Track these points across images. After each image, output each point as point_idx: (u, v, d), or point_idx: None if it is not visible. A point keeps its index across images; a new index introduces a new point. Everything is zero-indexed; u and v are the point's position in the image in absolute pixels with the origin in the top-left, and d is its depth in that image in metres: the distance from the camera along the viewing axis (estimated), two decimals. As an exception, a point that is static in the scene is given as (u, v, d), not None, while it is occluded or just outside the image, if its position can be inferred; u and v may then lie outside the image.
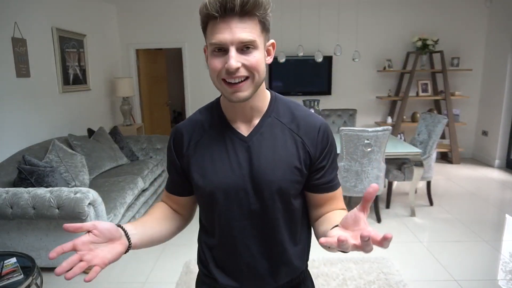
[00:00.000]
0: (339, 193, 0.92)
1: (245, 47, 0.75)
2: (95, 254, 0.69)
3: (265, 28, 0.79)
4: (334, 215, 0.87)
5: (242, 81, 0.77)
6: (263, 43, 0.79)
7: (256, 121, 0.87)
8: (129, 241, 0.78)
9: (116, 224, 0.77)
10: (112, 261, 0.72)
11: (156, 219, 0.93)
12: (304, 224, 0.96)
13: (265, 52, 0.82)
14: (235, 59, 0.74)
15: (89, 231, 0.70)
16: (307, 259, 0.98)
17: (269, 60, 0.84)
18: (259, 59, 0.77)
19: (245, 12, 0.73)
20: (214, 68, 0.77)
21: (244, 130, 0.87)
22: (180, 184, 0.94)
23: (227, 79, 0.77)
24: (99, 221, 0.72)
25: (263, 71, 0.79)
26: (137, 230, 0.82)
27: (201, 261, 0.98)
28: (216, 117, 0.90)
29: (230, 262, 0.91)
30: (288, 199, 0.87)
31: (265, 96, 0.89)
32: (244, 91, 0.78)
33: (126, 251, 0.78)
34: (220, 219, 0.88)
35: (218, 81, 0.79)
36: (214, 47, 0.76)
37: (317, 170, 0.88)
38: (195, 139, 0.89)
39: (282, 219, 0.88)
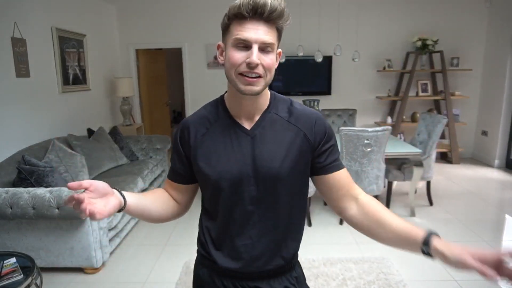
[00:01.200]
0: (347, 173, 1.00)
1: (264, 48, 0.85)
2: (94, 206, 0.78)
3: (279, 36, 0.90)
4: (383, 216, 0.92)
5: (256, 77, 0.86)
6: (276, 48, 0.89)
7: (258, 117, 0.96)
8: (124, 199, 0.87)
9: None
10: (109, 212, 0.80)
11: (153, 195, 1.02)
12: (300, 209, 1.03)
13: None
14: (256, 56, 0.84)
15: (86, 190, 0.80)
16: (299, 244, 1.05)
17: (275, 65, 0.93)
18: (273, 61, 0.88)
19: (270, 19, 0.84)
20: (235, 61, 0.86)
21: (247, 124, 0.96)
22: (182, 173, 1.01)
23: (244, 73, 0.86)
24: (93, 181, 0.81)
25: (273, 72, 0.89)
26: (132, 195, 0.92)
27: (201, 243, 1.05)
28: (221, 113, 0.98)
29: (229, 245, 0.98)
30: (288, 186, 0.95)
31: (267, 94, 0.98)
32: (256, 87, 0.87)
33: (121, 210, 0.87)
34: (223, 204, 0.96)
35: (235, 74, 0.87)
36: (238, 42, 0.85)
37: (320, 155, 0.98)
38: (201, 132, 0.97)
39: (280, 204, 0.96)
